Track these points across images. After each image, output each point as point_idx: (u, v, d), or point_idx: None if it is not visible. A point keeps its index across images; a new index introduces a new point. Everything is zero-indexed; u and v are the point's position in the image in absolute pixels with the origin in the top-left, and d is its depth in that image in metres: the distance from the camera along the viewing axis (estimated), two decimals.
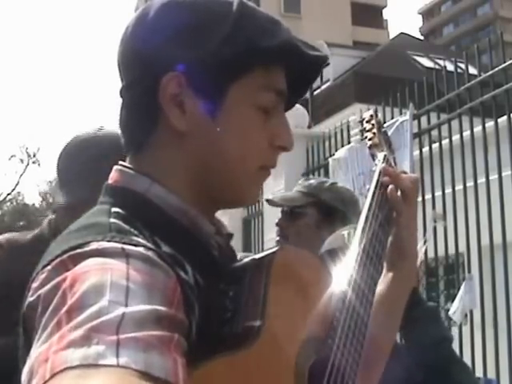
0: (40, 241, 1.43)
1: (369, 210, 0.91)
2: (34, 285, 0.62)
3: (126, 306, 0.53)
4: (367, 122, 1.12)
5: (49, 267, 0.62)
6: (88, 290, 0.55)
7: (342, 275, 0.83)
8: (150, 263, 0.61)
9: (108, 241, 0.62)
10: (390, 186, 0.93)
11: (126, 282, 0.56)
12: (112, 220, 0.69)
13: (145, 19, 0.76)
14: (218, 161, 0.75)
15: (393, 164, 1.02)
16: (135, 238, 0.65)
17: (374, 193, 0.93)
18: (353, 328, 0.78)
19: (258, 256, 0.74)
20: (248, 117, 0.76)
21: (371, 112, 1.13)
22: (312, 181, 1.94)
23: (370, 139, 1.08)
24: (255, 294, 0.69)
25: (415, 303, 0.95)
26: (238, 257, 0.81)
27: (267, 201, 1.94)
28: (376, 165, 1.00)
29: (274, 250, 0.75)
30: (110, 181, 0.78)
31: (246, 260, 0.76)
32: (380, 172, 0.96)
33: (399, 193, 0.94)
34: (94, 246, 0.62)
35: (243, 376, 0.61)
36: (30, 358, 0.52)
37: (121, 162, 0.79)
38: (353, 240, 0.88)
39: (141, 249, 0.62)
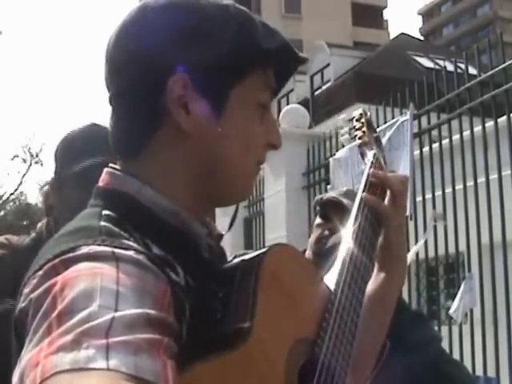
0: (40, 244, 1.42)
1: (358, 209, 0.91)
2: (26, 290, 0.62)
3: (116, 310, 0.53)
4: (357, 120, 1.12)
5: (40, 272, 0.62)
6: (78, 295, 0.55)
7: (333, 275, 0.84)
8: (141, 266, 0.61)
9: (98, 244, 0.62)
10: (373, 199, 0.92)
11: (116, 286, 0.56)
12: (102, 223, 0.68)
13: (143, 21, 0.74)
14: (221, 159, 0.75)
15: (382, 162, 1.02)
16: (126, 242, 0.65)
17: (363, 192, 0.93)
18: (343, 328, 0.78)
19: (248, 257, 0.74)
20: (250, 115, 0.77)
21: (361, 110, 1.13)
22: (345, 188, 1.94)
23: (359, 138, 1.08)
24: (245, 295, 0.69)
25: (400, 311, 0.96)
26: (230, 256, 0.81)
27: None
28: (365, 163, 1.00)
29: (264, 250, 0.75)
30: (100, 183, 0.77)
31: (237, 261, 0.76)
32: (369, 173, 0.96)
33: (388, 193, 0.93)
34: (84, 249, 0.62)
35: (232, 377, 0.61)
36: (21, 362, 0.52)
37: (111, 165, 0.78)
38: (344, 239, 0.89)
39: (131, 252, 0.62)
